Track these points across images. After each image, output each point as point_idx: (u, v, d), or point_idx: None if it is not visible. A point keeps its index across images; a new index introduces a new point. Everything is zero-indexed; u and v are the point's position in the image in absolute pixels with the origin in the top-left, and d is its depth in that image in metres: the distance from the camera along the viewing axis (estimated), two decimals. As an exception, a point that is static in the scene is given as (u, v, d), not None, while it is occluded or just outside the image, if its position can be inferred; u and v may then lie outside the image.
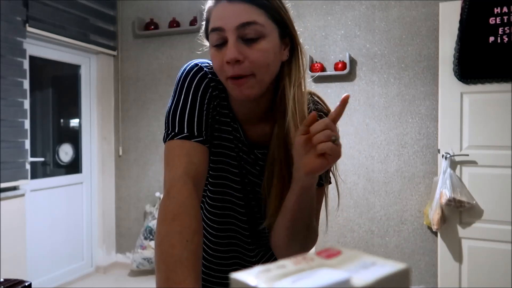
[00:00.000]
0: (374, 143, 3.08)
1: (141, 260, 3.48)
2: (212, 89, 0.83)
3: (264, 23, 0.75)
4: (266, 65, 0.76)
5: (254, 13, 0.74)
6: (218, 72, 0.78)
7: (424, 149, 2.95)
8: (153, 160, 3.75)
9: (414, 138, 2.98)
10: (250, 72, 0.75)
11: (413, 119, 2.98)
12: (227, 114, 0.86)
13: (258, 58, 0.74)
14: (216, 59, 0.76)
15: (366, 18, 3.10)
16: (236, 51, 0.73)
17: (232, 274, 0.30)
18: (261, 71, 0.76)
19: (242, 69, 0.74)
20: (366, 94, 3.10)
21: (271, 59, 0.77)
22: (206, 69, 0.83)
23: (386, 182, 3.05)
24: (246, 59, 0.74)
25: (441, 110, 2.69)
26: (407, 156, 3.00)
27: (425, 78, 2.94)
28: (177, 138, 0.78)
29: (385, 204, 3.06)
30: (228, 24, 0.73)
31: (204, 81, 0.82)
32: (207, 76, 0.83)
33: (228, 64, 0.74)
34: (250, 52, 0.74)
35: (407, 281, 0.31)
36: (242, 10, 0.73)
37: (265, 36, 0.75)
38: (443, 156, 2.60)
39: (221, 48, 0.75)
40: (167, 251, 0.66)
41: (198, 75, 0.82)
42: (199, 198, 0.76)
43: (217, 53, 0.76)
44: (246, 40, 0.74)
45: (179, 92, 0.82)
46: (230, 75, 0.75)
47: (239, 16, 0.73)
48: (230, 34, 0.74)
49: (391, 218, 3.04)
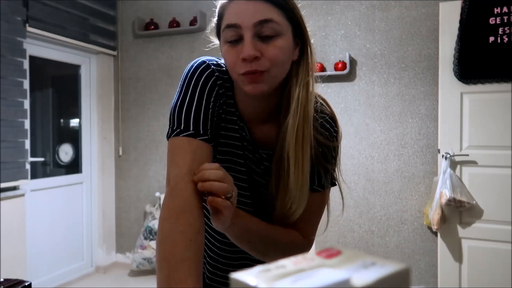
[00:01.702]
0: (374, 143, 3.08)
1: (141, 260, 3.48)
2: (218, 87, 0.83)
3: (280, 21, 0.75)
4: (282, 62, 0.76)
5: (271, 11, 0.74)
6: (231, 68, 0.77)
7: (424, 149, 2.95)
8: (153, 160, 3.75)
9: (414, 138, 2.98)
10: (266, 68, 0.75)
11: (413, 119, 2.98)
12: (234, 113, 0.86)
13: (276, 55, 0.75)
14: (230, 56, 0.76)
15: (366, 18, 3.10)
16: (254, 48, 0.73)
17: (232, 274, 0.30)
18: (276, 68, 0.76)
19: (259, 65, 0.74)
20: (366, 94, 3.10)
21: (286, 57, 0.77)
22: (214, 67, 0.83)
23: (386, 182, 3.05)
24: (262, 56, 0.74)
25: (441, 110, 2.69)
26: (407, 156, 3.00)
27: (425, 78, 2.94)
28: (182, 135, 0.78)
29: (385, 204, 3.06)
30: (245, 21, 0.73)
31: (211, 79, 0.82)
32: (214, 74, 0.82)
33: (244, 61, 0.74)
34: (267, 49, 0.74)
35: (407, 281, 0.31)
36: (259, 7, 0.73)
37: (281, 35, 0.75)
38: (443, 156, 2.60)
39: (236, 45, 0.75)
40: (170, 250, 0.66)
41: (206, 73, 0.82)
42: (202, 197, 0.76)
43: (231, 50, 0.76)
44: (262, 37, 0.74)
45: (186, 89, 0.81)
46: (246, 71, 0.74)
47: (257, 14, 0.73)
48: (246, 31, 0.73)
49: (391, 218, 3.04)
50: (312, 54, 0.82)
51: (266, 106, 0.85)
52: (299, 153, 0.79)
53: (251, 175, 0.89)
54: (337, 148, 0.89)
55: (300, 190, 0.81)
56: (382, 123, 3.06)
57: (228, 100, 0.85)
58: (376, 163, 3.08)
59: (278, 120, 0.85)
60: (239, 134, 0.86)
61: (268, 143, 0.88)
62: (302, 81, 0.80)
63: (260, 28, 0.73)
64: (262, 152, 0.88)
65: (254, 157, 0.88)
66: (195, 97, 0.80)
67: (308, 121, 0.79)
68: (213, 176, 0.70)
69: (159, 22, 3.70)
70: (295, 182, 0.80)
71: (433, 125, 2.92)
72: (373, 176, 3.09)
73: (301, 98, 0.79)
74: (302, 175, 0.80)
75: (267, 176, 0.89)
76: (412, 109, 2.98)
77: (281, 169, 0.82)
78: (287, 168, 0.80)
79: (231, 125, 0.86)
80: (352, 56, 3.12)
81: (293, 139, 0.79)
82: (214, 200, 0.69)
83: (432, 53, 2.91)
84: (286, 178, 0.81)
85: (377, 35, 3.07)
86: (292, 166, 0.79)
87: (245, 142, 0.87)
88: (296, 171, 0.80)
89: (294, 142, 0.79)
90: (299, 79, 0.80)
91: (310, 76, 0.81)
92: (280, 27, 0.75)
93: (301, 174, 0.80)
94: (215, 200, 0.69)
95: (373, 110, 3.08)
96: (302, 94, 0.79)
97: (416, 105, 2.97)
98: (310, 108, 0.80)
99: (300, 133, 0.79)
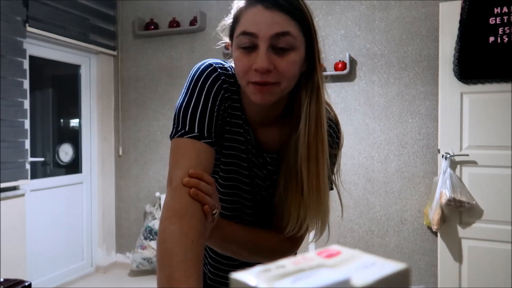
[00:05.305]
0: (374, 143, 3.09)
1: (141, 260, 3.48)
2: (224, 91, 0.82)
3: (296, 35, 0.74)
4: (293, 76, 0.77)
5: (289, 24, 0.73)
6: (241, 75, 0.77)
7: (424, 149, 2.95)
8: (153, 160, 3.75)
9: (414, 138, 2.98)
10: (276, 81, 0.75)
11: (413, 119, 2.98)
12: (239, 116, 0.86)
13: (287, 70, 0.75)
14: (242, 63, 0.75)
15: (366, 18, 3.10)
16: (268, 60, 0.73)
17: (232, 274, 0.30)
18: (286, 81, 0.76)
19: (270, 77, 0.74)
20: (366, 94, 3.10)
21: (297, 71, 0.77)
22: (220, 70, 0.83)
23: (386, 182, 3.05)
24: (275, 68, 0.74)
25: (441, 110, 2.69)
26: (407, 156, 3.00)
27: (425, 78, 2.94)
28: (186, 137, 0.78)
29: (385, 204, 3.06)
30: (262, 31, 0.72)
31: (217, 82, 0.82)
32: (221, 77, 0.82)
33: (256, 71, 0.74)
34: (279, 62, 0.74)
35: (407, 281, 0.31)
36: (278, 19, 0.72)
37: (295, 49, 0.75)
38: (443, 156, 2.60)
39: (249, 53, 0.74)
40: (171, 250, 0.66)
41: (212, 76, 0.82)
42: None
43: (244, 57, 0.75)
44: (277, 49, 0.74)
45: (192, 91, 0.81)
46: (256, 81, 0.74)
47: (275, 25, 0.72)
48: (262, 41, 0.73)
49: (391, 218, 3.04)
50: (321, 66, 0.81)
51: (272, 111, 0.85)
52: (312, 167, 0.79)
53: (254, 178, 0.90)
54: (338, 154, 0.90)
55: (317, 207, 0.81)
56: (382, 123, 3.06)
57: (233, 103, 0.85)
58: (376, 163, 3.08)
59: (283, 124, 0.86)
60: (244, 138, 0.87)
61: (272, 147, 0.88)
62: (312, 94, 0.80)
63: (276, 40, 0.73)
64: (266, 156, 0.89)
65: (257, 161, 0.89)
66: (201, 99, 0.80)
67: (322, 136, 0.79)
68: (205, 190, 0.73)
69: (159, 22, 3.70)
70: (309, 197, 0.80)
71: (433, 125, 2.92)
72: (373, 176, 3.09)
73: (311, 114, 0.79)
74: (317, 190, 0.80)
75: (269, 181, 0.90)
76: (412, 109, 2.98)
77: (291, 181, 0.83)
78: (301, 183, 0.81)
79: (236, 128, 0.86)
80: (352, 56, 3.12)
81: (305, 157, 0.79)
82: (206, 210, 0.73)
83: (432, 53, 2.91)
84: (299, 191, 0.82)
85: (377, 35, 3.07)
86: (305, 182, 0.80)
87: (250, 146, 0.88)
88: (310, 187, 0.80)
89: (307, 159, 0.79)
90: (308, 91, 0.80)
91: (321, 89, 0.80)
92: (295, 41, 0.74)
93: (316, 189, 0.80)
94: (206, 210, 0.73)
95: (373, 110, 3.08)
96: (312, 109, 0.79)
97: (416, 105, 2.97)
98: (322, 120, 0.79)
99: (313, 150, 0.79)
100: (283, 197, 0.85)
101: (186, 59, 3.63)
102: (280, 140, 0.87)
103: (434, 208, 2.56)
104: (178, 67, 3.65)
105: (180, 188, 0.73)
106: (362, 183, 3.11)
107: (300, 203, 0.81)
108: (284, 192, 0.84)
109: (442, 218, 2.56)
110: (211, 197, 0.73)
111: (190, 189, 0.72)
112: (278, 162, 0.88)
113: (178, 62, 3.66)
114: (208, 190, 0.73)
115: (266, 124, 0.87)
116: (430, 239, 2.93)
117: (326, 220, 0.84)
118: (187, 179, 0.73)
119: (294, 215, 0.83)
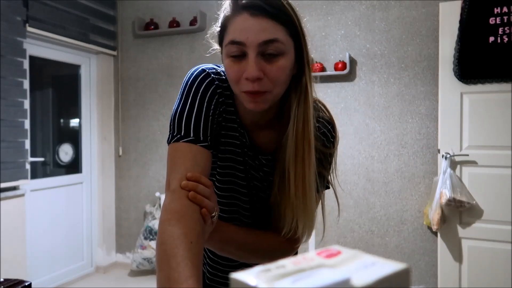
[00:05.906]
0: (374, 143, 3.08)
1: (141, 260, 3.48)
2: (218, 96, 0.83)
3: (284, 40, 0.74)
4: (284, 82, 0.77)
5: (276, 30, 0.73)
6: (233, 83, 0.78)
7: (424, 149, 2.95)
8: (153, 160, 3.75)
9: (414, 138, 2.98)
10: (268, 89, 0.75)
11: (413, 119, 2.98)
12: (234, 120, 0.87)
13: (278, 76, 0.75)
14: (233, 71, 0.76)
15: (366, 18, 3.10)
16: (258, 69, 0.73)
17: (231, 274, 0.30)
18: (277, 87, 0.77)
19: (261, 85, 0.75)
20: (366, 94, 3.10)
21: (288, 76, 0.78)
22: (213, 75, 0.84)
23: (386, 182, 3.05)
24: (265, 75, 0.74)
25: (441, 110, 2.69)
26: (407, 156, 3.00)
27: (425, 78, 2.94)
28: (182, 141, 0.79)
29: (385, 204, 3.06)
30: (249, 39, 0.72)
31: (211, 87, 0.83)
32: (214, 82, 0.83)
33: (247, 80, 0.74)
34: (269, 69, 0.74)
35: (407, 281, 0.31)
36: (265, 26, 0.72)
37: (284, 53, 0.75)
38: (443, 156, 2.60)
39: (239, 61, 0.75)
40: (171, 251, 0.66)
41: (206, 81, 0.83)
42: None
43: (234, 65, 0.76)
44: (266, 55, 0.74)
45: (186, 97, 0.82)
46: (248, 90, 0.75)
47: (262, 33, 0.72)
48: (251, 49, 0.73)
49: (391, 218, 3.04)
50: (310, 68, 0.82)
51: (266, 114, 0.86)
52: (299, 168, 0.80)
53: (251, 180, 0.91)
54: (333, 153, 0.90)
55: (303, 209, 0.82)
56: (382, 123, 3.06)
57: (228, 107, 0.86)
58: (376, 163, 3.08)
59: (277, 126, 0.87)
60: (240, 141, 0.88)
61: (267, 148, 0.89)
62: (301, 95, 0.81)
63: (265, 47, 0.73)
64: (261, 158, 0.89)
65: (254, 163, 0.90)
66: (195, 105, 0.81)
67: (308, 137, 0.80)
68: (203, 192, 0.74)
69: (159, 22, 3.70)
70: (296, 198, 0.81)
71: (433, 125, 2.92)
72: (373, 176, 3.09)
73: (299, 115, 0.80)
74: (303, 191, 0.81)
75: (266, 182, 0.91)
76: (412, 109, 2.98)
77: (283, 181, 0.84)
78: (288, 183, 0.82)
79: (232, 132, 0.87)
80: (352, 56, 3.12)
81: (293, 157, 0.80)
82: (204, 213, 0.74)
83: (432, 53, 2.91)
84: (288, 192, 0.83)
85: (377, 35, 3.07)
86: (292, 182, 0.81)
87: (246, 149, 0.88)
88: (296, 187, 0.81)
89: (294, 159, 0.80)
90: (297, 94, 0.81)
91: (309, 91, 0.81)
92: (284, 46, 0.75)
93: (302, 190, 0.81)
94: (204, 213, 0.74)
95: (373, 110, 3.08)
96: (300, 111, 0.80)
97: (416, 105, 2.97)
98: (309, 123, 0.80)
99: (300, 151, 0.80)
100: (277, 197, 0.86)
101: (186, 59, 3.63)
102: (275, 141, 0.88)
103: (434, 208, 2.57)
104: (178, 67, 3.64)
105: (178, 191, 0.73)
106: (362, 183, 3.11)
107: (292, 204, 0.82)
108: (278, 193, 0.85)
109: (442, 218, 2.56)
110: (209, 199, 0.74)
111: (189, 192, 0.72)
112: (273, 163, 0.89)
113: (178, 62, 3.66)
114: (206, 193, 0.74)
115: (261, 126, 0.88)
116: (430, 239, 2.93)
117: (310, 222, 0.85)
118: (185, 182, 0.73)
119: (289, 216, 0.84)
